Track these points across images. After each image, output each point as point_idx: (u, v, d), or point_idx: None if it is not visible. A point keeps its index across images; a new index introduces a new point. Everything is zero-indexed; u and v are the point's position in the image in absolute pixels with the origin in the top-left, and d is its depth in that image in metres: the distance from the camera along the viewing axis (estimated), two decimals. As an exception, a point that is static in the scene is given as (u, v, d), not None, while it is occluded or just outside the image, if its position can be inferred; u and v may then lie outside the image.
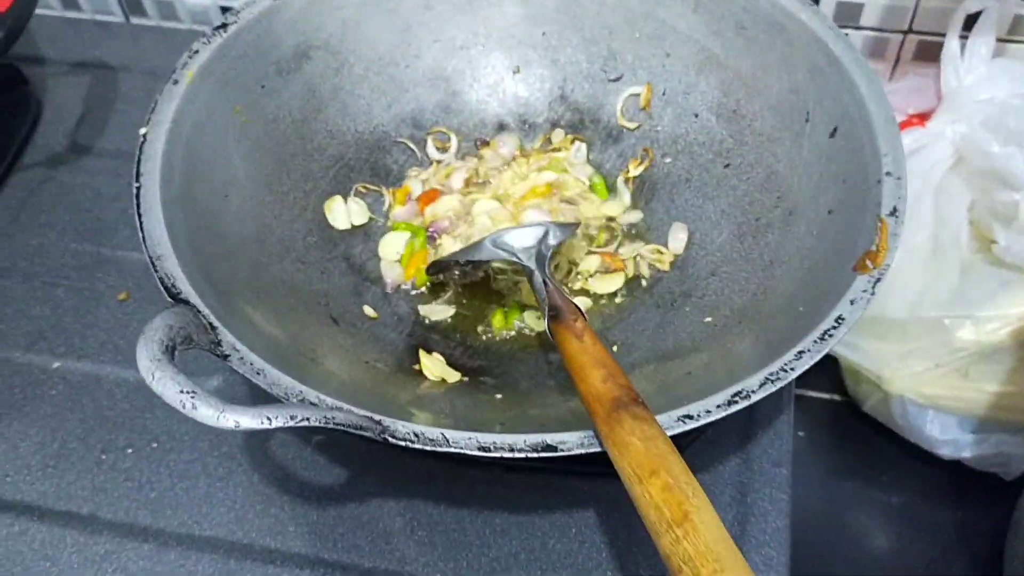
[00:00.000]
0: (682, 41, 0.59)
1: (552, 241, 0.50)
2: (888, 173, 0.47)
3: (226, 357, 0.41)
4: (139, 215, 0.46)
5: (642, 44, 0.61)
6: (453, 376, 0.50)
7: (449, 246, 0.57)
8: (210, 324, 0.42)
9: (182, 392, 0.35)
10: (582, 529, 0.49)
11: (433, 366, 0.50)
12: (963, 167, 0.69)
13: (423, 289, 0.56)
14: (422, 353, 0.51)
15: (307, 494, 0.52)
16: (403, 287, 0.57)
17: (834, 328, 0.41)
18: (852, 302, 0.42)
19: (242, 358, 0.41)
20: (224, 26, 0.55)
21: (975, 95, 0.67)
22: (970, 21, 0.67)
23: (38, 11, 0.83)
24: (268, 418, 0.36)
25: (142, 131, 0.50)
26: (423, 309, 0.55)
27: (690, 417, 0.38)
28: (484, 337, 0.54)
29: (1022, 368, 0.68)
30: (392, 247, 0.58)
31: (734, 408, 0.38)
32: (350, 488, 0.52)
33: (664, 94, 0.61)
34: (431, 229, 0.58)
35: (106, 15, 0.82)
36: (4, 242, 0.64)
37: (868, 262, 0.43)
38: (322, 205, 0.58)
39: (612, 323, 0.54)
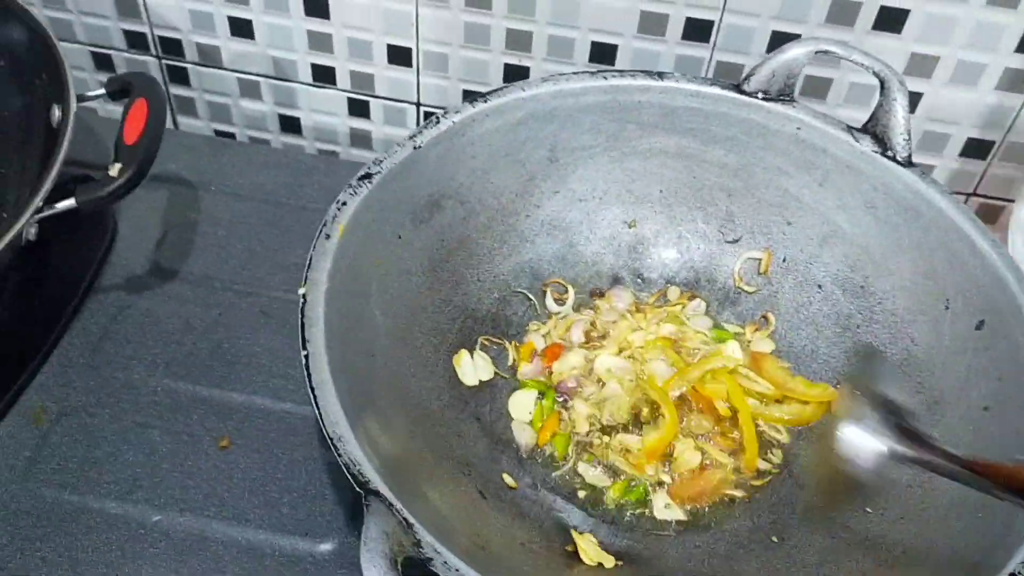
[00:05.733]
0: (805, 211, 0.60)
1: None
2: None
3: (428, 561, 0.39)
4: (312, 389, 0.44)
5: (762, 210, 0.62)
6: (609, 561, 0.48)
7: (581, 410, 0.56)
8: (406, 520, 0.40)
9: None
10: None
11: (589, 549, 0.49)
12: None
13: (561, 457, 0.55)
14: (575, 534, 0.49)
15: None
16: (537, 451, 0.55)
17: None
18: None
19: (445, 562, 0.39)
20: (368, 176, 0.54)
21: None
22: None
23: (101, 113, 0.81)
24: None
25: (301, 291, 0.48)
26: (582, 468, 0.54)
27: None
28: (624, 509, 0.53)
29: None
30: (522, 407, 0.56)
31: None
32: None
33: (784, 261, 0.61)
34: (559, 389, 0.57)
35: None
36: (88, 375, 0.60)
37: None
38: (451, 360, 0.56)
39: (759, 504, 0.53)
